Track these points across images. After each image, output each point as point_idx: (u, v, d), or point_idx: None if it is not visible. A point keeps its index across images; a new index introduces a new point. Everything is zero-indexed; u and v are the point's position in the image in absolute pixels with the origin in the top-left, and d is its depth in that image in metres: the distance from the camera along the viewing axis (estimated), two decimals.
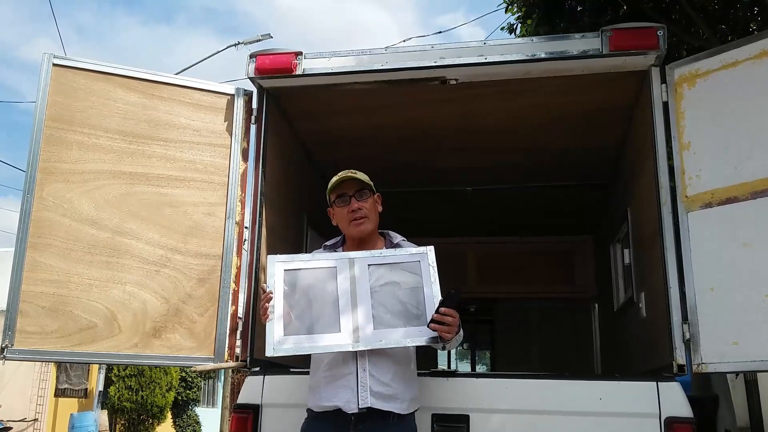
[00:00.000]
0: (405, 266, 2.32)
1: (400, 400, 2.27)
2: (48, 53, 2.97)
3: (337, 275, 2.30)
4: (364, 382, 2.24)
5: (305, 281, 2.32)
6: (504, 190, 4.65)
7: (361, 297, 2.26)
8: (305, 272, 2.33)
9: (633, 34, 2.82)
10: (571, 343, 6.35)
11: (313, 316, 2.27)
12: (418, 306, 2.24)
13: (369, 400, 2.21)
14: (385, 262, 2.32)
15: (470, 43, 2.96)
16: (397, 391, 2.27)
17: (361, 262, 2.32)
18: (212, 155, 3.08)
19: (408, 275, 2.30)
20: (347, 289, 2.27)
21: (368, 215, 2.43)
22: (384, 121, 3.64)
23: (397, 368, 2.29)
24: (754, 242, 2.52)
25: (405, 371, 2.33)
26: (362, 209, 2.42)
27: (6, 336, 2.75)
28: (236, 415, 2.77)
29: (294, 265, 2.34)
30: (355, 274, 2.30)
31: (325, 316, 2.26)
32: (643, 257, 3.27)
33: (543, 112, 3.47)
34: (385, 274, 2.30)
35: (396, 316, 2.24)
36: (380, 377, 2.25)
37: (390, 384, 2.26)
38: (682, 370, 2.55)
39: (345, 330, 2.21)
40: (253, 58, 3.09)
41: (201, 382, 18.40)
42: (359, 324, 2.22)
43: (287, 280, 2.30)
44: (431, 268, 2.29)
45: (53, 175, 2.89)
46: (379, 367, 2.26)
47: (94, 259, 2.86)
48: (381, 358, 2.27)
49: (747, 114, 2.62)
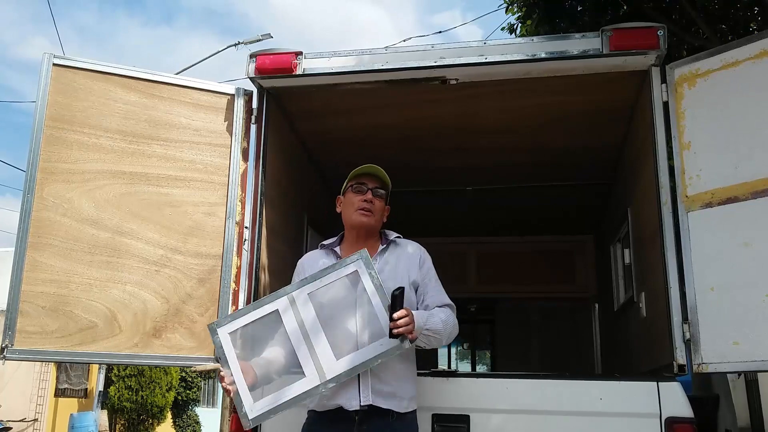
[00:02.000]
0: (345, 281, 2.27)
1: (399, 399, 2.27)
2: (48, 53, 2.97)
3: (282, 317, 2.23)
4: (366, 380, 2.24)
5: (253, 336, 2.27)
6: (504, 189, 4.65)
7: (313, 331, 2.21)
8: (249, 327, 2.26)
9: (633, 33, 2.82)
10: (571, 343, 6.35)
11: (274, 367, 2.23)
12: (371, 319, 2.21)
13: (370, 397, 2.22)
14: (323, 285, 2.26)
15: (471, 43, 2.96)
16: (397, 390, 2.27)
17: (301, 295, 2.25)
18: (212, 155, 3.08)
19: (351, 289, 2.27)
20: (296, 328, 2.21)
21: (375, 213, 2.44)
22: (384, 121, 3.64)
23: (397, 367, 2.30)
24: (755, 242, 2.52)
25: (405, 370, 2.34)
26: (375, 204, 2.43)
27: (6, 336, 2.75)
28: (236, 416, 2.76)
29: (236, 325, 2.25)
30: (298, 309, 2.23)
31: (286, 363, 2.22)
32: (644, 257, 3.27)
33: (543, 111, 3.47)
34: (329, 297, 2.27)
35: (354, 338, 2.21)
36: (381, 375, 2.25)
37: (390, 382, 2.27)
38: (683, 370, 2.55)
39: (309, 372, 2.16)
40: (253, 58, 3.09)
41: (201, 382, 18.41)
42: (320, 360, 2.17)
43: (236, 343, 2.22)
44: (370, 275, 2.22)
45: (53, 174, 2.89)
46: (381, 365, 2.25)
47: (95, 258, 2.86)
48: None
49: (747, 114, 2.62)
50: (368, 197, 2.42)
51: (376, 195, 2.44)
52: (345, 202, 2.49)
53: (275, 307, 2.25)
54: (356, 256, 2.26)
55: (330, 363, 2.18)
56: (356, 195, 2.44)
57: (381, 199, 2.46)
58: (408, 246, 2.50)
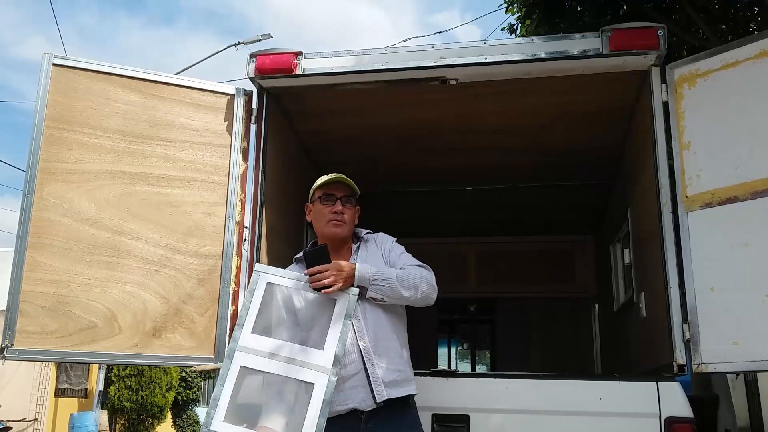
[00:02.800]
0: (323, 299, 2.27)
1: (410, 381, 2.30)
2: (48, 53, 2.97)
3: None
4: (376, 377, 2.23)
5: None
6: (504, 189, 4.65)
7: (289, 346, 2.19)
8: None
9: (633, 34, 2.82)
10: (571, 343, 6.35)
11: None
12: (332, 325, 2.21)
13: (385, 392, 2.22)
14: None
15: (471, 43, 2.96)
16: (403, 375, 2.29)
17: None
18: (212, 155, 3.08)
19: (326, 306, 2.26)
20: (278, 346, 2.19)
21: (347, 222, 2.44)
22: (384, 121, 3.64)
23: (398, 351, 2.32)
24: (754, 242, 2.52)
25: (404, 353, 2.35)
26: (344, 214, 2.43)
27: (6, 336, 2.74)
28: None
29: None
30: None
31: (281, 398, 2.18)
32: (643, 257, 3.27)
33: (543, 111, 3.47)
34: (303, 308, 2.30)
35: (321, 330, 2.21)
36: (389, 366, 2.26)
37: (399, 369, 2.28)
38: (682, 370, 2.55)
39: (312, 377, 2.12)
40: (253, 58, 3.09)
41: (201, 382, 18.41)
42: (312, 362, 2.14)
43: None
44: (348, 314, 2.22)
45: (53, 175, 2.89)
46: (384, 355, 2.27)
47: (94, 259, 2.86)
48: (385, 349, 2.28)
49: (747, 114, 2.62)
50: (338, 208, 2.42)
51: (345, 204, 2.44)
52: (315, 213, 2.49)
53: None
54: (353, 296, 2.24)
55: (319, 356, 2.15)
56: (326, 206, 2.44)
57: (351, 207, 2.46)
58: (376, 238, 2.54)
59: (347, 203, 2.45)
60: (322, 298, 2.23)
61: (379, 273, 2.29)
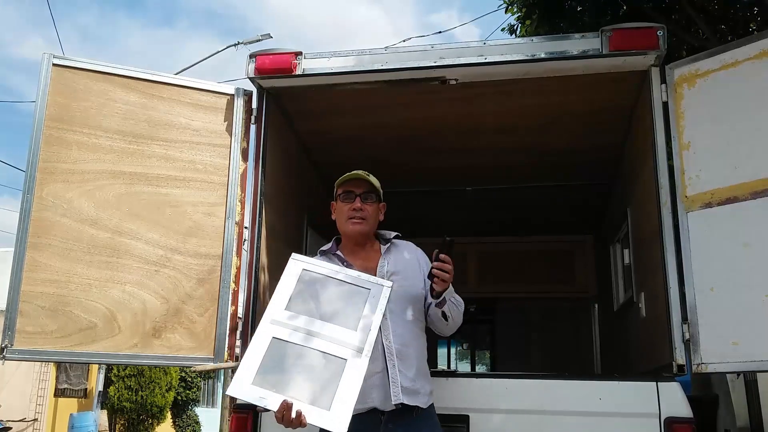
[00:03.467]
0: (358, 290, 2.26)
1: (422, 395, 2.27)
2: (48, 53, 2.97)
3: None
4: (395, 378, 2.22)
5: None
6: (504, 189, 4.65)
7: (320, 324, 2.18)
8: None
9: (633, 34, 2.82)
10: (571, 343, 6.35)
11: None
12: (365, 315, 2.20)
13: (401, 396, 2.21)
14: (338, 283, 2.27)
15: (470, 43, 2.96)
16: (419, 386, 2.27)
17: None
18: (212, 155, 3.08)
19: (357, 296, 2.26)
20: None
21: (367, 218, 2.42)
22: (384, 121, 3.64)
23: (418, 363, 2.30)
24: (754, 242, 2.52)
25: (423, 366, 2.34)
26: (364, 211, 2.41)
27: (6, 336, 2.75)
28: (236, 415, 2.77)
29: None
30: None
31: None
32: (643, 257, 3.27)
33: (543, 111, 3.47)
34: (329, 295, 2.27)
35: (355, 314, 2.20)
36: (407, 373, 2.25)
37: (415, 379, 2.26)
38: (682, 370, 2.55)
39: (345, 353, 2.10)
40: (252, 58, 3.09)
41: (201, 382, 18.41)
42: (343, 340, 2.13)
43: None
44: (381, 304, 2.21)
45: (53, 175, 2.89)
46: (405, 362, 2.26)
47: (94, 259, 2.86)
48: (408, 353, 2.28)
49: (747, 114, 2.62)
50: (357, 205, 2.41)
51: (365, 200, 2.42)
52: (337, 210, 2.48)
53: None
54: (387, 288, 2.24)
55: (352, 336, 2.13)
56: (345, 204, 2.43)
57: (372, 203, 2.44)
58: (408, 246, 2.52)
59: (367, 200, 2.43)
60: (355, 287, 2.24)
61: (453, 293, 2.30)
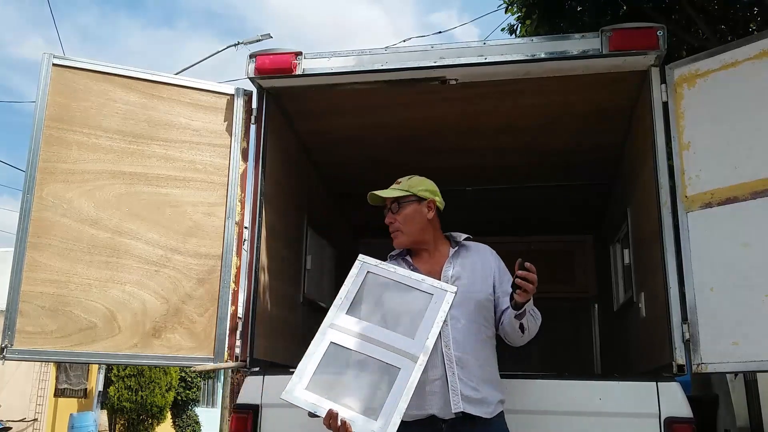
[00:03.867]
0: (421, 294, 2.24)
1: (488, 404, 2.21)
2: (48, 53, 2.97)
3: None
4: (455, 386, 2.17)
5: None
6: (504, 189, 4.65)
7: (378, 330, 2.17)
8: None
9: (633, 34, 2.82)
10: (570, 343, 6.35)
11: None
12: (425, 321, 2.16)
13: (461, 404, 2.16)
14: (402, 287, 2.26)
15: (470, 43, 2.96)
16: (485, 395, 2.21)
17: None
18: (212, 155, 3.08)
19: (421, 301, 2.23)
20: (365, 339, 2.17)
21: (400, 228, 2.39)
22: (384, 121, 3.63)
23: (482, 371, 2.24)
24: (754, 242, 2.52)
25: (490, 374, 2.29)
26: (394, 223, 2.39)
27: (6, 336, 2.75)
28: (236, 415, 2.77)
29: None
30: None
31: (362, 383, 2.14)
32: (643, 257, 3.27)
33: (543, 112, 3.47)
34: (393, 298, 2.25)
35: (415, 321, 2.16)
36: (468, 381, 2.20)
37: (477, 387, 2.20)
38: (682, 370, 2.55)
39: (400, 362, 2.09)
40: (252, 58, 3.09)
41: (201, 382, 18.42)
42: (400, 348, 2.11)
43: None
44: (443, 309, 2.17)
45: (53, 175, 2.89)
46: (466, 370, 2.20)
47: (94, 259, 2.86)
48: (468, 361, 2.22)
49: (747, 114, 2.62)
50: (387, 220, 2.40)
51: (394, 212, 2.40)
52: None
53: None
54: (451, 294, 2.20)
55: (409, 344, 2.11)
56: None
57: (401, 210, 2.39)
58: (480, 249, 2.46)
59: (396, 210, 2.40)
60: (418, 292, 2.21)
61: (533, 307, 2.25)
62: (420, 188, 2.44)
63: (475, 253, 2.43)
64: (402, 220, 2.39)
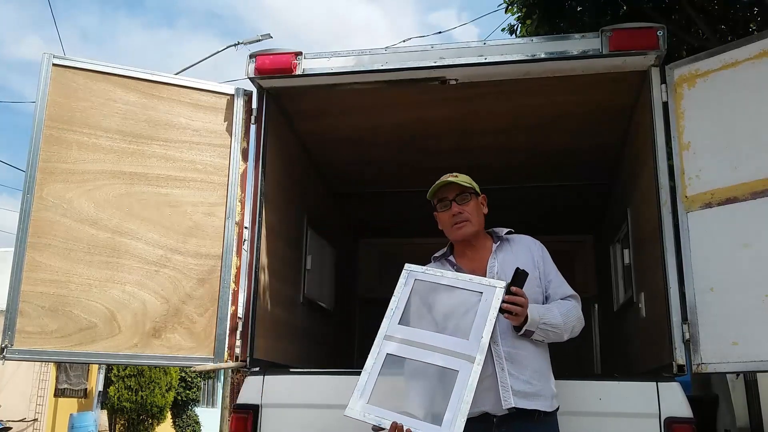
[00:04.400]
0: (471, 295, 2.25)
1: (543, 398, 2.21)
2: (48, 53, 2.97)
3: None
4: (505, 382, 2.17)
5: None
6: (504, 189, 4.64)
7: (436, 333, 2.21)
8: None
9: (633, 34, 2.82)
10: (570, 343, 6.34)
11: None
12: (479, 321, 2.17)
13: (512, 400, 2.15)
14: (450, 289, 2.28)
15: (470, 44, 2.96)
16: (539, 389, 2.21)
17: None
18: (212, 155, 3.08)
19: (471, 301, 2.24)
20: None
21: (470, 218, 2.39)
22: (384, 121, 3.63)
23: (534, 365, 2.24)
24: (754, 242, 2.52)
25: (542, 367, 2.28)
26: (463, 213, 2.39)
27: (6, 336, 2.75)
28: (236, 415, 2.77)
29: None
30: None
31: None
32: (643, 257, 3.27)
33: (543, 112, 3.47)
34: (446, 300, 2.27)
35: (467, 322, 2.17)
36: (520, 375, 2.19)
37: (530, 381, 2.20)
38: (682, 370, 2.55)
39: (456, 364, 2.11)
40: (252, 58, 3.08)
41: (201, 382, 18.41)
42: (455, 350, 2.13)
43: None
44: (494, 306, 2.18)
45: (53, 175, 2.89)
46: (516, 365, 2.20)
47: (94, 259, 2.86)
48: (518, 356, 2.22)
49: (747, 114, 2.62)
50: (455, 210, 2.40)
51: (462, 203, 2.40)
52: (440, 220, 2.47)
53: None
54: (500, 289, 2.19)
55: (464, 345, 2.12)
56: (444, 212, 2.43)
57: (468, 202, 2.41)
58: (522, 241, 2.47)
59: (463, 201, 2.40)
60: (467, 292, 2.23)
61: (546, 317, 2.23)
62: (475, 184, 2.47)
63: (517, 246, 2.44)
64: (469, 210, 2.41)
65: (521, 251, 2.42)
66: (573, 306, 2.35)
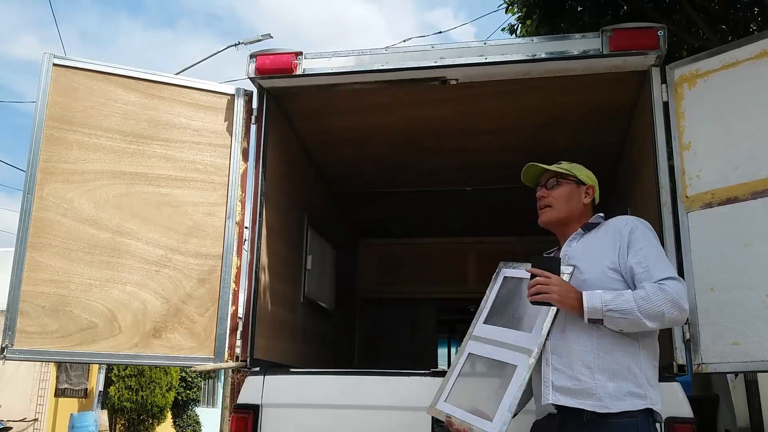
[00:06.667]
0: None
1: (596, 396, 1.96)
2: (48, 53, 2.97)
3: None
4: (547, 377, 2.04)
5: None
6: (504, 189, 4.65)
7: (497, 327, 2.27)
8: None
9: (633, 34, 2.82)
10: None
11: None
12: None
13: (551, 395, 2.02)
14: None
15: (471, 43, 2.96)
16: (591, 386, 1.97)
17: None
18: (212, 155, 3.09)
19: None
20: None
21: (552, 204, 2.28)
22: (384, 121, 3.64)
23: (588, 359, 1.99)
24: (754, 242, 2.52)
25: (609, 362, 1.99)
26: (546, 198, 2.29)
27: (6, 336, 2.75)
28: (236, 415, 2.77)
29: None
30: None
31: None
32: None
33: (543, 111, 3.47)
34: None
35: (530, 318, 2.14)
36: (566, 369, 2.01)
37: (579, 377, 1.99)
38: (683, 370, 2.55)
39: (514, 358, 2.11)
40: (253, 58, 3.09)
41: (201, 382, 18.41)
42: (513, 342, 2.14)
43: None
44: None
45: (53, 175, 2.89)
46: (564, 358, 2.03)
47: (94, 259, 2.86)
48: (567, 348, 2.03)
49: (747, 114, 2.62)
50: (540, 194, 2.33)
51: (549, 186, 2.30)
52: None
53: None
54: (566, 275, 2.10)
55: (527, 338, 2.10)
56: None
57: (557, 187, 2.28)
58: (609, 224, 2.21)
59: (551, 185, 2.29)
60: None
61: (613, 302, 1.94)
62: (583, 173, 2.34)
63: (602, 231, 2.21)
64: (555, 197, 2.29)
65: (601, 237, 2.18)
66: (658, 289, 1.96)
